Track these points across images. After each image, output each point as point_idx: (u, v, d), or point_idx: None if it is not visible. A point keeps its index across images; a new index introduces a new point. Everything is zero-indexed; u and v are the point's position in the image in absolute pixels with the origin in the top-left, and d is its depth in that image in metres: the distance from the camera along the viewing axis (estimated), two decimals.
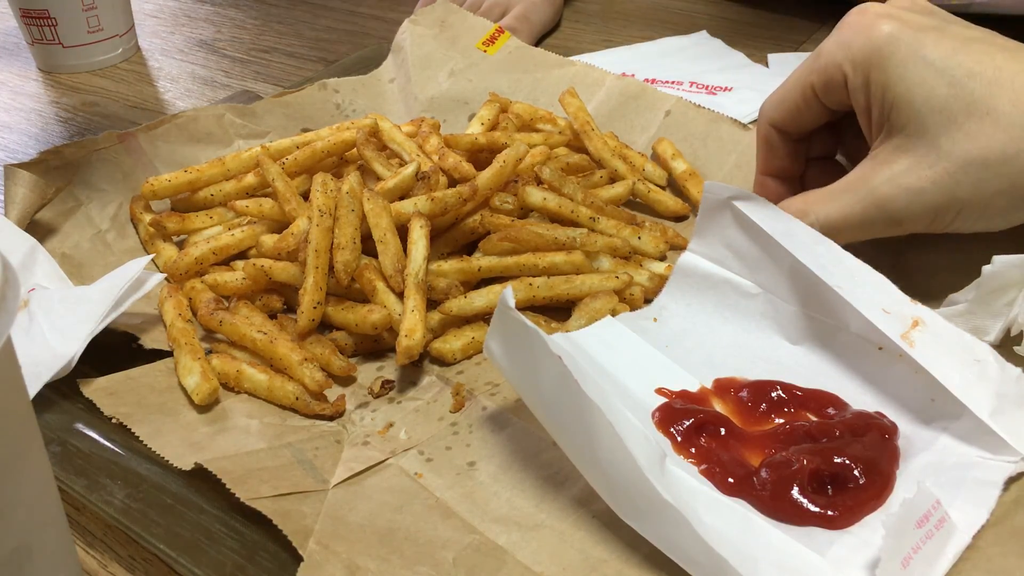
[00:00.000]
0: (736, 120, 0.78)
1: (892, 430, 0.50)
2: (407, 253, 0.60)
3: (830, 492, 0.46)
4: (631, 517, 0.44)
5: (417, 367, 0.59)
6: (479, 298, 0.60)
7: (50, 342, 0.55)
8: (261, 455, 0.50)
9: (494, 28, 0.93)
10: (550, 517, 0.47)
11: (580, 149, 0.77)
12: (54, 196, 0.70)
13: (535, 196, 0.66)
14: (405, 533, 0.46)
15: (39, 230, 0.68)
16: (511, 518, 0.47)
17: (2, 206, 0.73)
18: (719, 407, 0.53)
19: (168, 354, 0.58)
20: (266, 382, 0.55)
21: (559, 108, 0.79)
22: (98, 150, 0.74)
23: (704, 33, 1.12)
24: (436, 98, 0.89)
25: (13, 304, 0.29)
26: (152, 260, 0.65)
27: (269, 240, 0.64)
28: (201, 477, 0.47)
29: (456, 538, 0.45)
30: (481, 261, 0.63)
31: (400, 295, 0.59)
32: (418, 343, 0.55)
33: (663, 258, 0.67)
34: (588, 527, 0.46)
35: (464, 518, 0.47)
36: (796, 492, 0.46)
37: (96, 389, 0.54)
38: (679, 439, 0.50)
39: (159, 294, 0.62)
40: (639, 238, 0.66)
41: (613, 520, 0.45)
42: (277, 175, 0.67)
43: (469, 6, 1.12)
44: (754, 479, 0.47)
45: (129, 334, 0.59)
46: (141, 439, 0.50)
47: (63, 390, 0.54)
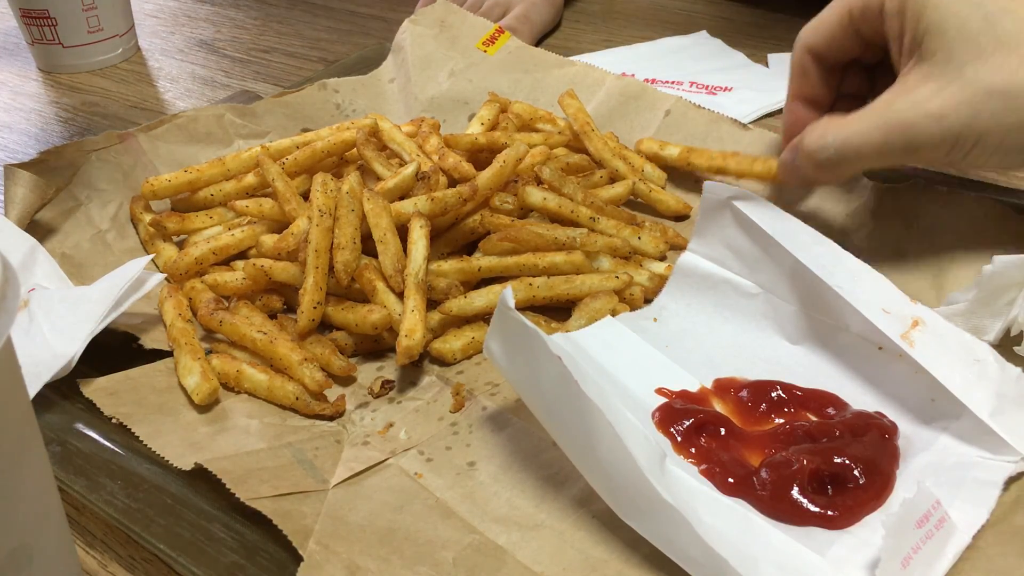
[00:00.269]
0: (736, 120, 0.77)
1: (892, 430, 0.50)
2: (407, 253, 0.60)
3: (830, 492, 0.46)
4: (631, 517, 0.44)
5: (417, 367, 0.59)
6: (479, 298, 0.60)
7: (50, 342, 0.55)
8: (261, 455, 0.50)
9: (494, 28, 0.93)
10: (550, 517, 0.47)
11: (580, 149, 0.77)
12: (54, 196, 0.69)
13: (535, 196, 0.66)
14: (405, 533, 0.46)
15: (39, 230, 0.68)
16: (511, 518, 0.47)
17: (2, 206, 0.73)
18: (719, 407, 0.53)
19: (168, 354, 0.58)
20: (266, 382, 0.55)
21: (559, 108, 0.79)
22: (98, 150, 0.74)
23: (704, 33, 1.12)
24: (436, 98, 0.89)
25: (13, 304, 0.29)
26: (152, 260, 0.65)
27: (269, 240, 0.64)
28: (201, 477, 0.47)
29: (456, 538, 0.45)
30: (481, 261, 0.63)
31: (400, 295, 0.59)
32: (418, 343, 0.55)
33: (663, 258, 0.67)
34: (588, 527, 0.46)
35: (464, 518, 0.47)
36: (796, 492, 0.46)
37: (96, 389, 0.54)
38: (679, 439, 0.50)
39: (159, 294, 0.62)
40: (639, 238, 0.66)
41: (613, 520, 0.44)
42: (277, 175, 0.67)
43: (469, 6, 1.12)
44: (754, 479, 0.47)
45: (129, 334, 0.59)
46: (141, 439, 0.50)
47: (63, 390, 0.54)
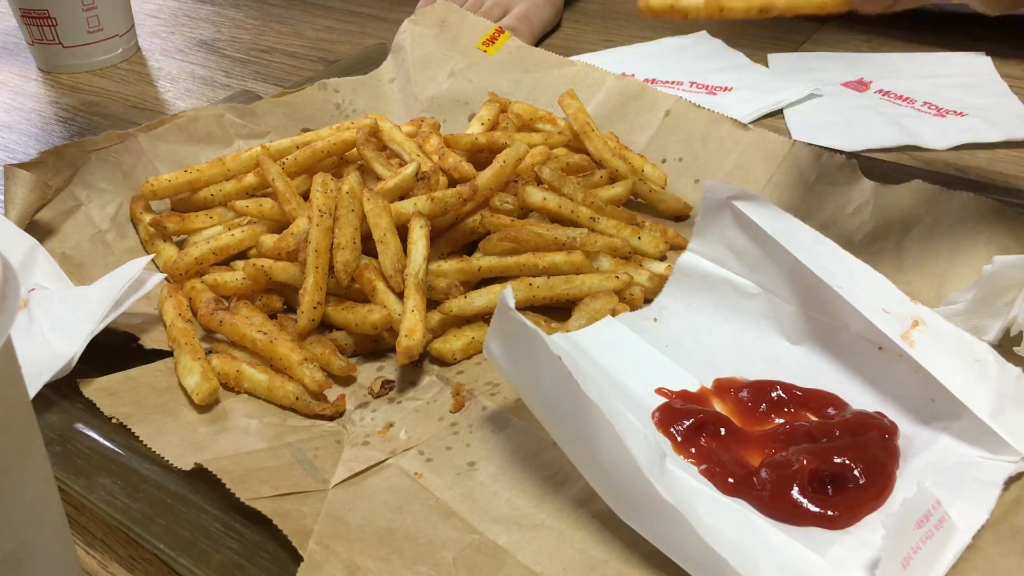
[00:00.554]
0: (736, 120, 0.77)
1: (892, 430, 0.50)
2: (407, 253, 0.60)
3: (830, 492, 0.46)
4: (631, 517, 0.44)
5: (417, 367, 0.59)
6: (479, 298, 0.60)
7: (50, 342, 0.55)
8: (261, 455, 0.50)
9: (494, 28, 0.93)
10: (550, 517, 0.47)
11: (580, 149, 0.77)
12: (54, 196, 0.69)
13: (535, 196, 0.65)
14: (405, 533, 0.46)
15: (39, 230, 0.68)
16: (511, 518, 0.47)
17: (2, 206, 0.73)
18: (719, 407, 0.53)
19: (168, 354, 0.58)
20: (266, 382, 0.55)
21: (559, 108, 0.79)
22: (98, 150, 0.74)
23: (704, 33, 1.12)
24: (436, 98, 0.89)
25: (13, 304, 0.29)
26: (152, 260, 0.65)
27: (269, 240, 0.64)
28: (201, 477, 0.47)
29: (456, 538, 0.45)
30: (481, 261, 0.63)
31: (400, 295, 0.59)
32: (418, 343, 0.55)
33: (663, 258, 0.67)
34: (588, 527, 0.46)
35: (464, 518, 0.47)
36: (796, 492, 0.46)
37: (96, 389, 0.54)
38: (679, 439, 0.50)
39: (159, 294, 0.62)
40: (639, 238, 0.66)
41: (613, 520, 0.44)
42: (277, 175, 0.67)
43: (469, 6, 1.12)
44: (754, 479, 0.47)
45: (129, 334, 0.59)
46: (141, 439, 0.50)
47: (63, 390, 0.54)
